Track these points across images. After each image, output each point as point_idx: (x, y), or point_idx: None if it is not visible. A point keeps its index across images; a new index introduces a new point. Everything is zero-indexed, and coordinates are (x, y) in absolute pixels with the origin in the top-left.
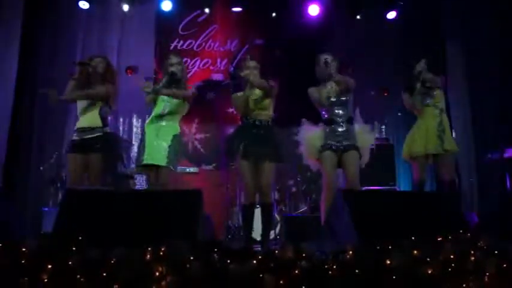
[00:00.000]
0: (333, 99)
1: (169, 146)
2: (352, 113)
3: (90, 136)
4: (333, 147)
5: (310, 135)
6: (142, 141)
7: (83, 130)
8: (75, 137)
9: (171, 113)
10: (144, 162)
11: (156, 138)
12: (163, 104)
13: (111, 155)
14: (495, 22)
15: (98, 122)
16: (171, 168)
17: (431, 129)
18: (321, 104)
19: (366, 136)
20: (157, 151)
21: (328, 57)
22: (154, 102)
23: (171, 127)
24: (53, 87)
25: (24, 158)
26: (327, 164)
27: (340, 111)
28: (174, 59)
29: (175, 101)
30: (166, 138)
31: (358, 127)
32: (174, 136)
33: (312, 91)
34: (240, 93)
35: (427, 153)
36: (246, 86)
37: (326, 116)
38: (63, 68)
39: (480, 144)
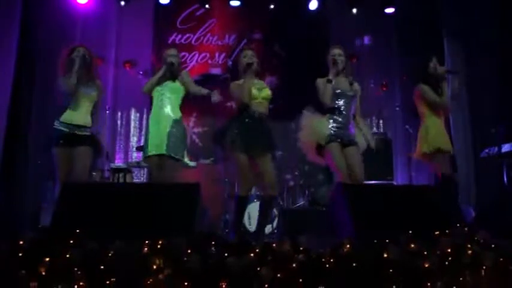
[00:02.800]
0: (338, 91)
1: (168, 132)
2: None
3: (79, 133)
4: (338, 139)
5: (316, 120)
6: (148, 134)
7: (73, 125)
8: (63, 128)
9: (169, 102)
10: (148, 154)
11: (158, 129)
12: (159, 95)
13: (97, 149)
14: (495, 21)
15: (89, 122)
16: (175, 157)
17: (442, 127)
18: (323, 100)
19: (359, 134)
20: (158, 140)
21: (336, 55)
22: (150, 93)
23: (169, 114)
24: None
25: (23, 152)
26: (336, 153)
27: (343, 104)
28: (171, 51)
29: (171, 89)
30: (166, 125)
31: (356, 129)
32: (174, 121)
33: (319, 84)
34: (239, 81)
35: (441, 149)
36: (245, 73)
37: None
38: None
39: (478, 140)
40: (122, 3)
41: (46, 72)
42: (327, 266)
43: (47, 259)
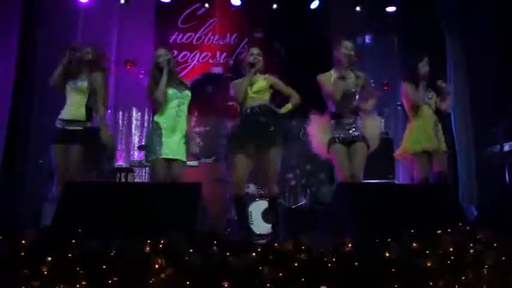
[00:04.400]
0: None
1: (185, 142)
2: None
3: (70, 128)
4: (341, 139)
5: (320, 129)
6: (157, 135)
7: (65, 120)
8: (58, 125)
9: (184, 111)
10: (163, 156)
11: (174, 133)
12: (177, 104)
13: (92, 148)
14: (495, 20)
15: (81, 115)
16: (184, 161)
17: (429, 128)
18: (334, 97)
19: (372, 123)
20: (177, 146)
21: (348, 48)
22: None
23: (183, 121)
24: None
25: (24, 151)
26: (339, 155)
27: (348, 103)
28: (161, 51)
29: (185, 94)
30: (182, 132)
31: (365, 116)
32: (185, 131)
33: (323, 81)
34: (239, 80)
35: (425, 151)
36: (248, 72)
37: (333, 109)
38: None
39: (480, 139)
40: (122, 1)
41: (46, 71)
42: (329, 265)
43: (49, 258)
